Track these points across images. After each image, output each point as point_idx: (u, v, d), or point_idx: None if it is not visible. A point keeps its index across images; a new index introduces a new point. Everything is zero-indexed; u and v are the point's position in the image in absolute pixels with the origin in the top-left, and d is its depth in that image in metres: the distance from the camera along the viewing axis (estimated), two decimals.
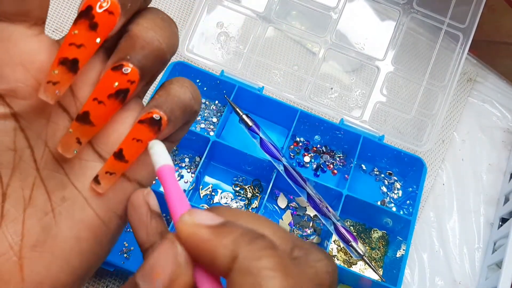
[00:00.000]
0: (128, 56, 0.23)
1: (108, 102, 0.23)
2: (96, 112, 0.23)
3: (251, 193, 0.51)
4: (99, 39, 0.22)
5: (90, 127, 0.23)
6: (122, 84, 0.23)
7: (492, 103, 0.60)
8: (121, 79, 0.23)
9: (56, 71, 0.22)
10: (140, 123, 0.24)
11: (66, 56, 0.22)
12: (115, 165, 0.24)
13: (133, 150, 0.24)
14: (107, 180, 0.24)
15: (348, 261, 0.49)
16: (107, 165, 0.24)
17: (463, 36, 0.52)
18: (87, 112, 0.23)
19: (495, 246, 0.52)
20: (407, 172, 0.53)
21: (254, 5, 0.54)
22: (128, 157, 0.24)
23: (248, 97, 0.52)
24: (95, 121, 0.23)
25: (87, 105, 0.23)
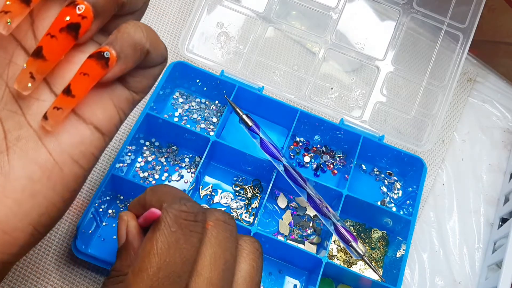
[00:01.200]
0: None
1: (60, 36, 0.24)
2: (49, 47, 0.24)
3: (251, 193, 0.51)
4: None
5: (43, 62, 0.24)
6: (74, 18, 0.24)
7: (492, 103, 0.60)
8: (73, 13, 0.24)
9: (9, 2, 0.23)
10: (89, 58, 0.25)
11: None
12: (63, 101, 0.25)
13: (81, 84, 0.25)
14: (54, 116, 0.25)
15: (348, 261, 0.49)
16: (56, 101, 0.25)
17: (463, 36, 0.52)
18: (40, 47, 0.24)
19: (495, 246, 0.52)
20: (407, 172, 0.53)
21: (254, 5, 0.54)
22: (75, 92, 0.24)
23: (248, 97, 0.52)
24: (47, 55, 0.24)
25: (41, 41, 0.24)
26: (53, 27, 0.24)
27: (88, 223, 0.45)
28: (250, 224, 0.49)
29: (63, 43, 0.24)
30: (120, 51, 0.25)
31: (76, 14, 0.24)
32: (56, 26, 0.24)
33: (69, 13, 0.24)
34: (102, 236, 0.46)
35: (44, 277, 0.44)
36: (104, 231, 0.47)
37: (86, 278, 0.45)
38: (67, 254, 0.45)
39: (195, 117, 0.53)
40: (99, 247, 0.46)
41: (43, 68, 0.24)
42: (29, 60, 0.24)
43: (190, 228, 0.27)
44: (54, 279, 0.44)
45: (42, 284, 0.44)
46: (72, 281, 0.45)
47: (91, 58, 0.25)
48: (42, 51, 0.24)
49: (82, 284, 0.45)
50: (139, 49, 0.26)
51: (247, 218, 0.49)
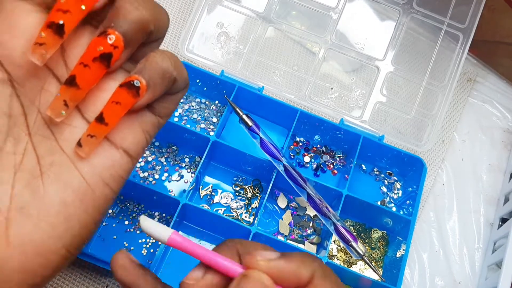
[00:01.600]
0: (113, 24, 0.25)
1: (93, 65, 0.25)
2: (82, 76, 0.25)
3: (251, 193, 0.51)
4: (84, 6, 0.24)
5: (76, 90, 0.25)
6: (106, 48, 0.25)
7: (492, 103, 0.60)
8: (105, 43, 0.25)
9: (43, 34, 0.24)
10: (120, 87, 0.26)
11: (53, 20, 0.24)
12: (96, 128, 0.25)
13: (113, 113, 0.25)
14: (88, 143, 0.26)
15: (348, 261, 0.49)
16: (89, 129, 0.26)
17: (463, 36, 0.52)
18: (73, 75, 0.25)
19: (495, 246, 0.52)
20: (407, 172, 0.53)
21: (254, 5, 0.54)
22: (108, 120, 0.25)
23: (248, 97, 0.52)
24: (80, 84, 0.25)
25: (74, 69, 0.25)
26: (86, 56, 0.25)
27: None
28: (250, 224, 0.49)
29: (96, 72, 0.25)
30: (149, 79, 0.26)
31: (108, 44, 0.25)
32: (89, 56, 0.25)
33: (101, 43, 0.25)
34: (102, 236, 0.46)
35: None
36: (104, 231, 0.47)
37: (86, 278, 0.45)
38: None
39: (195, 117, 0.53)
40: (99, 247, 0.46)
41: (76, 96, 0.25)
42: (63, 88, 0.25)
43: None
44: (54, 278, 0.44)
45: None
46: (72, 281, 0.45)
47: (122, 87, 0.26)
48: (76, 79, 0.25)
49: (82, 284, 0.45)
50: (167, 78, 0.27)
51: (247, 218, 0.49)
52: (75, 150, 0.26)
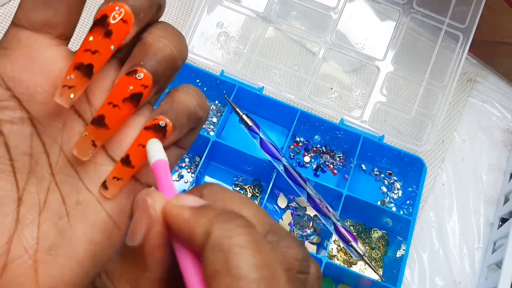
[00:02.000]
0: (142, 62, 0.24)
1: (122, 105, 0.24)
2: (111, 116, 0.24)
3: (251, 193, 0.51)
4: (113, 46, 0.23)
5: (105, 130, 0.24)
6: (136, 88, 0.24)
7: (492, 103, 0.60)
8: (135, 83, 0.24)
9: (72, 76, 0.23)
10: (146, 129, 0.25)
11: (82, 61, 0.23)
12: (122, 171, 0.25)
13: (139, 155, 0.25)
14: (114, 185, 0.25)
15: (348, 261, 0.49)
16: (115, 171, 0.25)
17: (463, 36, 0.52)
18: (102, 115, 0.24)
19: (495, 246, 0.52)
20: (407, 172, 0.53)
21: (254, 5, 0.54)
22: (134, 163, 0.25)
23: (248, 97, 0.52)
24: (110, 124, 0.24)
25: (102, 109, 0.24)
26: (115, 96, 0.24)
27: None
28: None
29: (125, 112, 0.25)
30: (175, 121, 0.25)
31: (138, 84, 0.24)
32: (118, 95, 0.24)
33: (131, 83, 0.24)
34: None
35: None
36: None
37: None
38: None
39: None
40: None
41: (104, 136, 0.25)
42: (91, 128, 0.24)
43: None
44: None
45: None
46: None
47: (149, 129, 0.25)
48: (105, 119, 0.24)
49: None
50: (193, 117, 0.26)
51: None
52: (100, 191, 0.25)
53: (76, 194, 0.25)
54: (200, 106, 0.26)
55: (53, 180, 0.25)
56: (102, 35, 0.23)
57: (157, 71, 0.25)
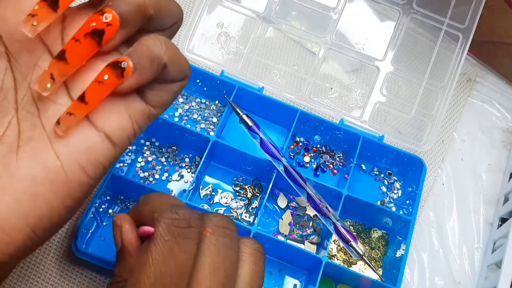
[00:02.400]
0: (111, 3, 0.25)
1: (84, 40, 0.25)
2: (72, 51, 0.25)
3: (251, 193, 0.51)
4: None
5: (64, 65, 0.25)
6: (99, 25, 0.25)
7: (492, 103, 0.60)
8: (99, 20, 0.25)
9: (37, 6, 0.24)
10: (106, 67, 0.25)
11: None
12: (76, 107, 0.25)
13: (95, 92, 0.25)
14: (67, 121, 0.25)
15: (348, 261, 0.49)
16: (70, 107, 0.25)
17: (462, 36, 0.52)
18: (64, 50, 0.25)
19: (494, 246, 0.52)
20: (406, 172, 0.53)
21: (254, 5, 0.54)
22: (89, 99, 0.25)
23: (248, 97, 0.52)
24: (69, 59, 0.25)
25: (66, 45, 0.25)
26: (78, 32, 0.25)
27: (88, 223, 0.45)
28: (250, 224, 0.49)
29: (86, 48, 0.25)
30: (137, 62, 0.25)
31: (102, 21, 0.25)
32: (81, 31, 0.25)
33: (95, 19, 0.25)
34: (102, 235, 0.47)
35: (44, 277, 0.44)
36: (105, 231, 0.47)
37: (87, 278, 0.45)
38: (68, 254, 0.45)
39: (195, 117, 0.53)
40: (99, 246, 0.46)
41: (64, 71, 0.25)
42: (52, 62, 0.25)
43: (184, 235, 0.27)
44: (54, 278, 0.44)
45: (43, 283, 0.44)
46: (72, 280, 0.45)
47: (108, 67, 0.25)
48: (65, 54, 0.25)
49: (83, 284, 0.45)
50: (156, 62, 0.26)
51: (247, 218, 0.50)
52: (54, 128, 0.25)
53: (31, 130, 0.25)
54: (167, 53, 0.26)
55: (16, 115, 0.26)
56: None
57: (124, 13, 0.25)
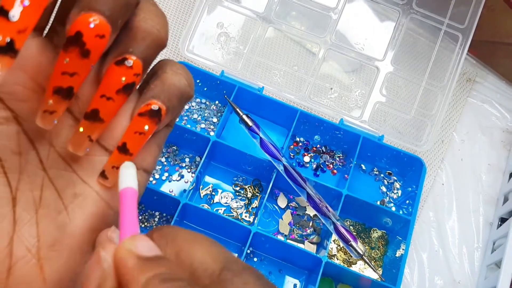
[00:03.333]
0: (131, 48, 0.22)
1: (116, 97, 0.23)
2: (105, 109, 0.23)
3: (251, 193, 0.51)
4: (92, 64, 0.22)
5: (99, 124, 0.23)
6: (129, 78, 0.23)
7: (492, 103, 0.60)
8: (128, 73, 0.23)
9: (51, 101, 0.22)
10: (140, 115, 0.24)
11: (60, 85, 0.22)
12: (120, 159, 0.24)
13: (136, 142, 0.24)
14: (113, 174, 0.25)
15: (348, 260, 0.49)
16: (113, 159, 0.24)
17: (462, 36, 0.52)
18: (96, 109, 0.23)
19: (494, 245, 0.52)
20: (406, 172, 0.53)
21: (254, 6, 0.54)
22: (132, 150, 0.24)
23: (248, 97, 0.52)
24: (104, 117, 0.23)
25: (95, 103, 0.23)
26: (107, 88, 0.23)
27: None
28: (250, 224, 0.49)
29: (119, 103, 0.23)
30: (168, 103, 0.24)
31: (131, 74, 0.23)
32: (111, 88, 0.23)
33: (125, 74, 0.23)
34: None
35: None
36: None
37: None
38: None
39: (195, 117, 0.53)
40: None
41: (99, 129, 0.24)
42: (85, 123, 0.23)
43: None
44: None
45: None
46: None
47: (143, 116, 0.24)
48: (99, 114, 0.23)
49: None
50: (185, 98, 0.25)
51: (247, 218, 0.50)
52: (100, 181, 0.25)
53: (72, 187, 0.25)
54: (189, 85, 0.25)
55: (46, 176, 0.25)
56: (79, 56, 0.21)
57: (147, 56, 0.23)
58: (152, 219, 0.48)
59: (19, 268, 0.23)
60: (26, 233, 0.24)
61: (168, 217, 0.49)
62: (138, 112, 0.24)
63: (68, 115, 0.25)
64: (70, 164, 0.25)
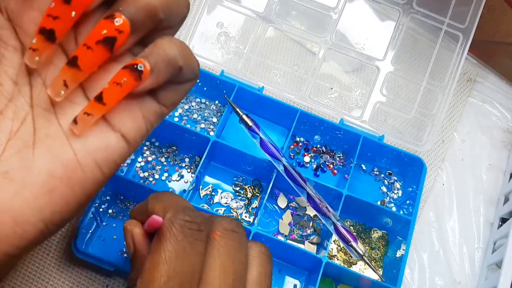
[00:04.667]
0: (121, 7, 0.25)
1: (95, 48, 0.25)
2: (84, 57, 0.25)
3: (251, 193, 0.51)
4: (74, 12, 0.24)
5: (77, 71, 0.25)
6: (110, 32, 0.25)
7: (492, 103, 0.60)
8: (110, 27, 0.25)
9: (35, 40, 0.24)
10: (123, 69, 0.25)
11: (44, 26, 0.24)
12: (94, 107, 0.25)
13: (113, 93, 0.25)
14: (84, 121, 0.25)
15: (348, 261, 0.49)
16: (87, 107, 0.25)
17: (463, 36, 0.52)
18: (76, 56, 0.25)
19: (495, 246, 0.52)
20: (407, 172, 0.53)
21: (254, 5, 0.54)
22: (106, 100, 0.25)
23: (248, 97, 0.52)
24: (82, 66, 0.25)
25: (77, 51, 0.25)
26: (89, 38, 0.25)
27: (88, 223, 0.45)
28: (250, 224, 0.49)
29: (98, 55, 0.25)
30: (154, 65, 0.26)
31: (113, 28, 0.25)
32: (92, 38, 0.25)
33: (106, 26, 0.25)
34: (102, 236, 0.46)
35: (44, 277, 0.44)
36: (104, 231, 0.47)
37: (86, 278, 0.45)
38: (67, 254, 0.45)
39: (195, 117, 0.53)
40: (99, 247, 0.46)
41: (76, 77, 0.25)
42: (64, 68, 0.25)
43: (195, 237, 0.27)
44: (54, 278, 0.44)
45: (42, 283, 0.44)
46: (72, 280, 0.45)
47: (125, 69, 0.25)
48: (78, 61, 0.25)
49: (82, 284, 0.45)
50: (172, 65, 0.26)
51: (247, 218, 0.49)
52: (70, 127, 0.26)
53: (47, 128, 0.26)
54: (182, 56, 0.26)
55: (31, 112, 0.26)
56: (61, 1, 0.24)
57: (135, 18, 0.25)
58: None
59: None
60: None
61: None
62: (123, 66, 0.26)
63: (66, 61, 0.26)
64: (55, 107, 0.26)
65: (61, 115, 0.26)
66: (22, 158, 0.25)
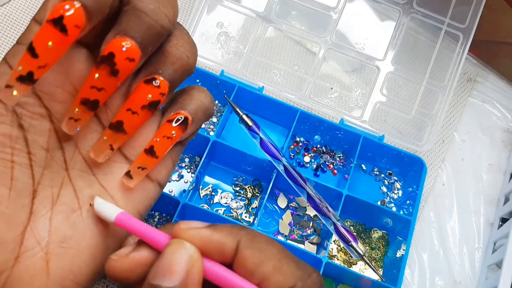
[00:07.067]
0: (160, 70, 0.25)
1: (141, 112, 0.25)
2: (129, 122, 0.25)
3: (251, 193, 0.51)
4: (119, 83, 0.24)
5: (122, 135, 0.25)
6: (155, 96, 0.25)
7: (492, 103, 0.60)
8: (154, 91, 0.25)
9: (77, 110, 0.24)
10: (169, 122, 0.26)
11: (87, 97, 0.24)
12: (146, 160, 0.26)
13: (162, 146, 0.26)
14: (138, 175, 0.26)
15: (348, 261, 0.49)
16: (139, 161, 0.26)
17: (463, 36, 0.52)
18: (121, 121, 0.25)
19: (495, 246, 0.52)
20: (407, 172, 0.53)
21: (254, 5, 0.54)
22: (158, 153, 0.26)
23: (248, 97, 0.52)
24: (127, 129, 0.25)
25: (120, 115, 0.25)
26: (133, 103, 0.25)
27: None
28: (250, 224, 0.49)
29: (143, 118, 0.25)
30: (194, 115, 0.27)
31: (157, 92, 0.25)
32: (137, 103, 0.25)
33: (150, 91, 0.25)
34: None
35: None
36: None
37: None
38: None
39: None
40: None
41: (121, 140, 0.26)
42: (109, 133, 0.25)
43: None
44: None
45: None
46: None
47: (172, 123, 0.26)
48: (123, 125, 0.25)
49: None
50: (208, 113, 0.28)
51: (247, 218, 0.49)
52: (123, 181, 0.26)
53: (89, 189, 0.26)
54: (212, 102, 0.28)
55: (67, 175, 0.26)
56: (108, 74, 0.23)
57: (174, 79, 0.25)
58: (151, 220, 0.48)
59: (26, 258, 0.24)
60: (40, 226, 0.25)
61: (167, 217, 0.48)
62: (167, 119, 0.26)
63: (96, 122, 0.26)
64: (91, 167, 0.27)
65: (99, 175, 0.27)
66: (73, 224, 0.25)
